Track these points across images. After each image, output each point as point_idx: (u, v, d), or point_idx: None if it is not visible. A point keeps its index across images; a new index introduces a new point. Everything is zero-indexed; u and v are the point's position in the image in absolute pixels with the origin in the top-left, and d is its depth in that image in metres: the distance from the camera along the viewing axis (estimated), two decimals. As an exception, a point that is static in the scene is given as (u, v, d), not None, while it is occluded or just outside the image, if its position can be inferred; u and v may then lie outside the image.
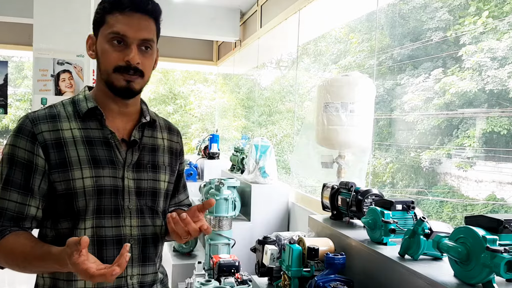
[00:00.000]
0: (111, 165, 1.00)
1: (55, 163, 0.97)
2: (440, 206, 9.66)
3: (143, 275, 1.04)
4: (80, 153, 0.98)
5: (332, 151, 2.26)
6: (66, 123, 1.00)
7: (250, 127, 11.86)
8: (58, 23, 2.97)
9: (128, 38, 0.97)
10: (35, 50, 2.95)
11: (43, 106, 2.97)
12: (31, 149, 0.96)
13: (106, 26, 0.98)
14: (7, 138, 8.81)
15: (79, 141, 0.99)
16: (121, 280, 1.01)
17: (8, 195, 0.96)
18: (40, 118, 0.99)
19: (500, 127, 8.90)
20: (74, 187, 0.96)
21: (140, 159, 1.06)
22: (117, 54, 0.97)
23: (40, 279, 1.03)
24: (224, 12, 5.04)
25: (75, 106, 1.04)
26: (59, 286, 0.99)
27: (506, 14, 9.06)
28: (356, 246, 1.51)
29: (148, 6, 0.99)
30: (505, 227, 1.02)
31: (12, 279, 4.37)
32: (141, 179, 1.04)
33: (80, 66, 3.03)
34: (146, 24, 0.99)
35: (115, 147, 1.02)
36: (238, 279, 2.31)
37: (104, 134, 1.02)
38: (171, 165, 1.14)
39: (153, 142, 1.10)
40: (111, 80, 0.99)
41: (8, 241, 0.92)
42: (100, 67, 1.02)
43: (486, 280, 1.01)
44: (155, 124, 1.13)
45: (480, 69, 8.98)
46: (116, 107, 1.05)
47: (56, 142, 0.97)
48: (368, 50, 11.57)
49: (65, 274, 0.98)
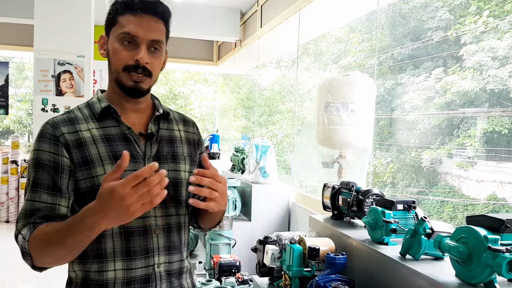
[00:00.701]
0: (131, 159, 1.00)
1: (78, 162, 1.01)
2: (441, 206, 9.65)
3: (169, 263, 1.07)
4: (100, 150, 1.02)
5: (333, 151, 2.26)
6: (84, 125, 1.05)
7: (251, 127, 11.87)
8: (59, 24, 2.97)
9: (138, 38, 1.01)
10: (36, 50, 2.96)
11: (44, 106, 2.98)
12: (55, 151, 1.01)
13: (118, 27, 1.03)
14: (8, 138, 8.75)
15: (98, 139, 1.03)
16: (149, 268, 1.04)
17: (38, 197, 0.99)
18: (60, 122, 1.04)
19: (501, 126, 8.89)
20: (98, 183, 0.98)
21: (159, 151, 1.09)
22: (127, 53, 1.01)
23: (72, 273, 1.06)
24: (224, 12, 5.04)
25: (90, 108, 1.08)
26: (91, 277, 1.02)
27: (507, 13, 9.05)
28: (357, 246, 1.51)
29: (158, 8, 1.03)
30: (507, 226, 1.02)
31: (14, 279, 4.37)
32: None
33: (81, 66, 3.03)
34: (156, 26, 1.04)
35: (134, 141, 1.06)
36: (238, 279, 2.31)
37: (122, 130, 1.06)
38: (191, 155, 1.16)
39: (170, 134, 1.14)
40: (120, 79, 1.04)
41: (40, 227, 0.96)
42: (111, 66, 1.06)
43: (487, 280, 1.01)
44: (170, 117, 1.16)
45: (481, 68, 8.97)
46: (128, 105, 1.09)
47: (76, 142, 1.02)
48: (369, 50, 11.56)
49: (96, 266, 1.01)
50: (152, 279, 1.04)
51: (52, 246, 0.94)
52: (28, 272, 1.07)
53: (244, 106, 13.15)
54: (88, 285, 1.03)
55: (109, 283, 1.01)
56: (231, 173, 3.85)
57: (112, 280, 1.01)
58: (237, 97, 13.26)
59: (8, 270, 4.55)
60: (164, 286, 1.06)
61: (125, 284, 1.01)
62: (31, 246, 0.94)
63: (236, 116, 12.82)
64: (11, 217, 6.17)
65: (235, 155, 3.95)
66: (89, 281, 1.02)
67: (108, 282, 1.01)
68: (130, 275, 1.02)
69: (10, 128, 14.78)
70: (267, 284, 1.92)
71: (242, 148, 3.93)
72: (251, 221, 3.07)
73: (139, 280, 1.03)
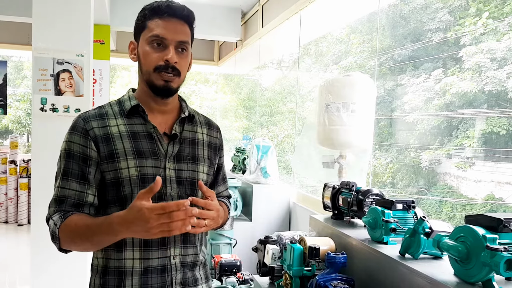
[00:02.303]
0: (153, 156, 1.11)
1: (104, 155, 1.09)
2: (439, 205, 9.67)
3: (184, 256, 1.14)
4: (126, 145, 1.10)
5: (333, 151, 2.27)
6: (113, 120, 1.12)
7: (252, 127, 11.87)
8: (58, 22, 2.94)
9: (167, 40, 1.09)
10: (34, 49, 2.92)
11: (42, 105, 2.96)
12: (84, 144, 1.09)
13: (147, 31, 1.11)
14: (6, 138, 8.74)
15: (125, 135, 1.11)
16: (165, 259, 1.11)
17: (68, 184, 1.08)
18: (91, 117, 1.12)
19: (499, 127, 8.90)
20: (121, 176, 1.08)
21: (180, 151, 1.16)
22: (157, 55, 1.09)
23: (95, 260, 1.14)
24: (225, 12, 5.04)
25: (120, 105, 1.16)
26: (111, 265, 1.10)
27: (506, 15, 9.07)
28: (357, 246, 1.52)
29: (184, 12, 1.12)
30: (505, 226, 1.03)
31: (13, 279, 4.37)
32: (181, 170, 1.14)
33: (80, 65, 3.01)
34: (182, 28, 1.12)
35: (158, 140, 1.13)
36: (239, 278, 2.32)
37: (147, 128, 1.13)
38: (210, 158, 1.23)
39: (193, 136, 1.20)
40: (151, 80, 1.11)
41: (73, 218, 1.05)
42: (142, 68, 1.14)
43: (486, 278, 1.02)
44: (195, 120, 1.23)
45: (480, 70, 8.98)
46: (156, 106, 1.16)
47: (105, 136, 1.10)
48: (369, 50, 11.57)
49: (116, 254, 1.09)
50: (168, 270, 1.11)
51: (79, 238, 1.04)
52: (27, 272, 1.07)
53: (245, 106, 13.15)
54: (108, 272, 1.10)
55: (127, 270, 1.09)
56: (232, 173, 3.86)
57: (130, 268, 1.09)
58: (238, 97, 13.27)
59: (7, 270, 4.55)
60: (179, 276, 1.12)
61: (143, 273, 1.09)
62: (61, 232, 1.04)
63: (237, 117, 12.82)
64: (10, 218, 6.14)
65: (236, 155, 3.96)
66: (109, 268, 1.10)
67: (126, 270, 1.09)
68: (147, 264, 1.09)
69: (9, 128, 14.74)
70: (267, 284, 1.93)
71: (243, 148, 3.94)
72: (251, 221, 3.08)
73: (155, 270, 1.09)
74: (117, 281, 1.09)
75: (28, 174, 6.03)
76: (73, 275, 2.83)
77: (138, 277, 1.08)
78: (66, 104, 2.98)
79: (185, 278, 1.14)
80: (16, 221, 6.09)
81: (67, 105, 2.98)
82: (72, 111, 2.98)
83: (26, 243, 4.73)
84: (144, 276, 1.09)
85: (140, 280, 1.08)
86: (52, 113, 2.97)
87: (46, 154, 2.92)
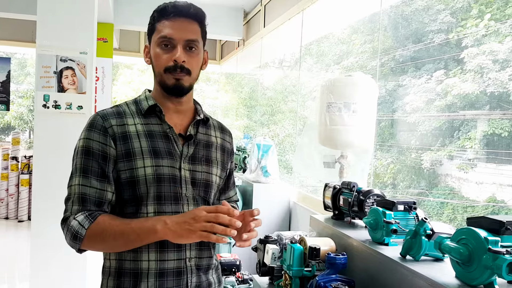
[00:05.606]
0: (169, 156, 1.11)
1: (121, 154, 1.09)
2: (440, 207, 9.66)
3: (199, 258, 1.14)
4: (142, 144, 1.10)
5: (334, 151, 2.27)
6: (131, 119, 1.13)
7: (252, 126, 11.86)
8: (62, 20, 2.96)
9: (174, 39, 1.10)
10: (38, 46, 2.94)
11: (45, 102, 2.97)
12: (104, 141, 1.08)
13: (156, 33, 1.12)
14: (8, 135, 8.75)
15: (142, 134, 1.11)
16: (181, 262, 1.10)
17: (89, 182, 1.07)
18: (109, 115, 1.12)
19: (501, 129, 8.89)
20: (137, 175, 1.08)
21: (195, 153, 1.17)
22: (166, 56, 1.10)
23: (107, 261, 1.13)
24: (228, 11, 5.04)
25: (137, 105, 1.17)
26: (125, 266, 1.09)
27: (508, 16, 9.04)
28: (358, 246, 1.52)
29: (191, 10, 1.13)
30: (507, 228, 1.02)
31: (12, 276, 4.38)
32: (196, 171, 1.15)
33: (83, 63, 3.02)
34: (190, 27, 1.13)
35: (173, 140, 1.14)
36: (239, 278, 2.32)
37: (164, 128, 1.14)
38: (223, 161, 1.24)
39: (207, 139, 1.22)
40: (163, 80, 1.12)
41: (103, 219, 1.04)
42: (155, 70, 1.15)
43: (487, 281, 1.01)
44: (209, 123, 1.25)
45: (482, 71, 8.97)
46: (172, 106, 1.17)
47: (122, 135, 1.10)
48: (371, 51, 11.55)
49: (131, 255, 1.08)
50: (183, 272, 1.11)
51: (113, 237, 1.02)
52: (27, 268, 1.07)
53: (246, 105, 13.15)
54: (123, 274, 1.09)
55: (143, 272, 1.08)
56: (232, 172, 3.86)
57: (146, 270, 1.08)
58: (239, 96, 13.26)
59: (7, 265, 4.56)
60: (194, 280, 1.12)
61: (158, 275, 1.08)
62: (88, 234, 1.02)
63: (238, 115, 12.82)
64: (10, 214, 6.16)
65: (236, 154, 3.96)
66: (123, 270, 1.09)
67: (142, 272, 1.08)
68: (162, 266, 1.08)
69: (11, 124, 14.77)
70: (267, 284, 1.93)
71: (243, 147, 3.94)
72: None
73: (171, 272, 1.09)
74: (132, 283, 1.08)
75: (30, 170, 6.06)
76: (72, 271, 2.84)
77: (153, 279, 1.07)
78: (68, 101, 2.99)
79: (200, 282, 1.14)
80: (16, 217, 6.11)
81: (69, 102, 2.99)
82: (75, 108, 2.99)
83: (26, 239, 4.74)
84: (160, 278, 1.08)
85: (156, 282, 1.07)
86: (55, 110, 2.98)
87: (48, 150, 2.94)
